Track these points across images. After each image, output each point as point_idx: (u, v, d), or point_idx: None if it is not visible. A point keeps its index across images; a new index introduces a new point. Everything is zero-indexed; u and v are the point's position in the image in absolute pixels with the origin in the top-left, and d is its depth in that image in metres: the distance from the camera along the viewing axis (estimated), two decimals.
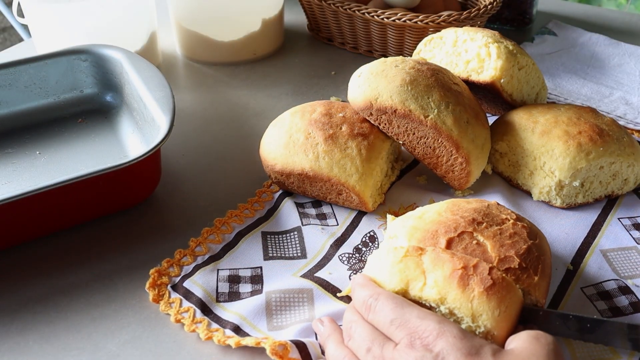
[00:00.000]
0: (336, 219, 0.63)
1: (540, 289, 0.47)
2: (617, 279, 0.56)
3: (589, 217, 0.64)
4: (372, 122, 0.64)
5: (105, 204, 0.62)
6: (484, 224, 0.50)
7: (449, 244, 0.48)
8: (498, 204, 0.54)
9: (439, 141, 0.63)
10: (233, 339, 0.49)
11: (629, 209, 0.66)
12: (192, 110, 0.84)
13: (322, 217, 0.64)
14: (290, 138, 0.64)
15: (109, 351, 0.50)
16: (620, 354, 0.49)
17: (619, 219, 0.64)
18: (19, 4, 0.85)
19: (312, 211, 0.64)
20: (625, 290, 0.55)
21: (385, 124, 0.63)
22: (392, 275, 0.46)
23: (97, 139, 0.74)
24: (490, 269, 0.45)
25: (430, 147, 0.64)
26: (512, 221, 0.51)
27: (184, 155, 0.74)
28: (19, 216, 0.56)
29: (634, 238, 0.61)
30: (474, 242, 0.48)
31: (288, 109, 0.70)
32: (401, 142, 0.65)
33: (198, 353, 0.50)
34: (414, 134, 0.63)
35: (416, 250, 0.47)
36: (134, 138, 0.72)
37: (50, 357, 0.49)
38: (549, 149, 0.64)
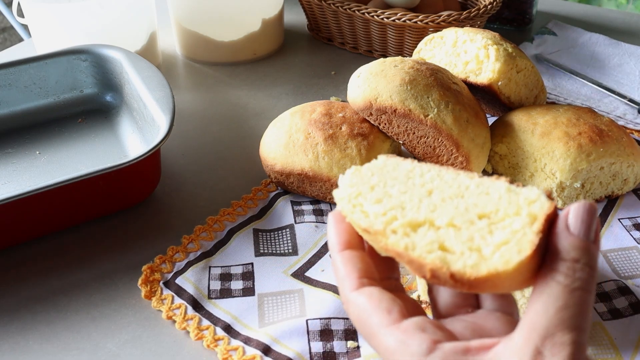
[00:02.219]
0: None
1: None
2: (616, 280, 0.56)
3: None
4: (372, 122, 0.64)
5: (105, 204, 0.62)
6: None
7: None
8: None
9: (439, 140, 0.63)
10: (220, 350, 0.49)
11: (629, 210, 0.66)
12: (192, 110, 0.84)
13: (319, 213, 0.64)
14: (290, 138, 0.64)
15: (109, 351, 0.50)
16: (622, 354, 0.49)
17: (619, 219, 0.64)
18: (19, 4, 0.85)
19: (309, 207, 0.65)
20: (625, 290, 0.55)
21: (385, 124, 0.63)
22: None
23: (97, 139, 0.74)
24: None
25: (431, 147, 0.64)
26: None
27: (184, 155, 0.74)
28: (19, 216, 0.56)
29: (634, 238, 0.62)
30: None
31: (288, 109, 0.70)
32: (401, 142, 0.65)
33: (198, 353, 0.50)
34: (414, 133, 0.63)
35: None
36: (134, 138, 0.72)
37: (50, 357, 0.49)
38: (549, 151, 0.64)
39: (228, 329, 0.51)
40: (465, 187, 0.34)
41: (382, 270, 0.35)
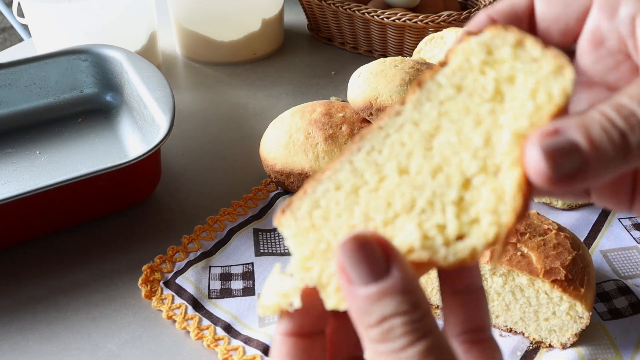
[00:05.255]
0: None
1: (587, 300, 0.47)
2: (616, 279, 0.56)
3: (590, 218, 0.64)
4: (372, 122, 0.64)
5: (105, 204, 0.62)
6: (527, 235, 0.50)
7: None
8: (538, 213, 0.54)
9: None
10: (220, 350, 0.49)
11: None
12: (192, 110, 0.84)
13: None
14: (290, 138, 0.64)
15: (109, 351, 0.50)
16: (623, 354, 0.49)
17: (619, 219, 0.64)
18: (19, 4, 0.85)
19: None
20: (625, 290, 0.55)
21: None
22: None
23: (97, 139, 0.74)
24: None
25: None
26: (554, 231, 0.51)
27: (184, 155, 0.74)
28: (19, 216, 0.56)
29: (634, 238, 0.62)
30: (519, 253, 0.48)
31: (288, 109, 0.70)
32: None
33: (198, 353, 0.50)
34: None
35: None
36: (134, 138, 0.72)
37: (50, 357, 0.49)
38: None
39: (228, 329, 0.51)
40: (415, 124, 0.26)
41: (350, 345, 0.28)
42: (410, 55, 0.90)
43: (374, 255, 0.23)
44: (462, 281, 0.28)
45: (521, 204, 0.24)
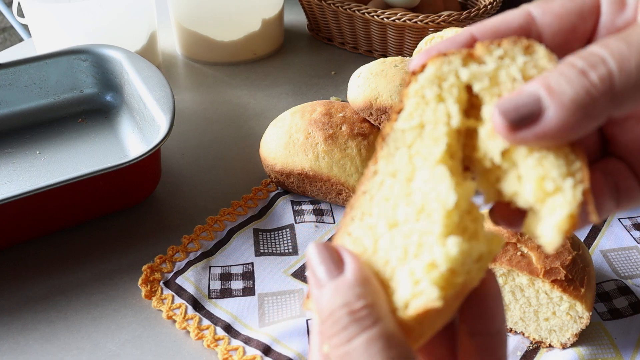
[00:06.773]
0: (333, 218, 0.64)
1: (587, 300, 0.47)
2: (616, 279, 0.56)
3: None
4: (372, 122, 0.64)
5: (105, 204, 0.62)
6: (527, 235, 0.50)
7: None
8: None
9: None
10: (220, 350, 0.49)
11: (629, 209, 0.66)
12: (192, 110, 0.84)
13: (319, 212, 0.64)
14: (290, 138, 0.64)
15: (109, 350, 0.50)
16: (622, 354, 0.49)
17: (619, 219, 0.64)
18: (19, 4, 0.85)
19: (309, 207, 0.65)
20: (625, 290, 0.55)
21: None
22: None
23: (97, 139, 0.74)
24: None
25: None
26: None
27: (184, 155, 0.74)
28: (19, 216, 0.56)
29: (634, 238, 0.62)
30: (519, 253, 0.48)
31: (288, 109, 0.70)
32: None
33: (198, 353, 0.50)
34: None
35: None
36: (134, 138, 0.72)
37: (50, 357, 0.49)
38: None
39: (228, 329, 0.51)
40: (392, 175, 0.27)
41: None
42: (410, 55, 0.90)
43: (331, 258, 0.26)
44: (483, 323, 0.27)
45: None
